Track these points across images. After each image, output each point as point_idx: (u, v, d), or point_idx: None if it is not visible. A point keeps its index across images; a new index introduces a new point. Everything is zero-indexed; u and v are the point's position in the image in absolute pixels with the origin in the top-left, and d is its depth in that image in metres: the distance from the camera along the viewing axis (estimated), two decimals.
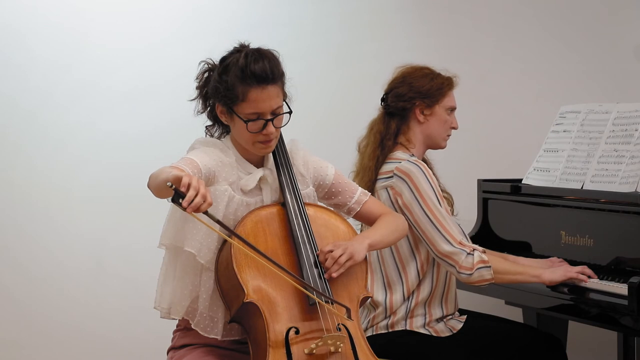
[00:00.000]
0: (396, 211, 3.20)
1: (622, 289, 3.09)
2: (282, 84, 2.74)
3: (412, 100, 3.33)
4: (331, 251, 2.69)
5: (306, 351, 2.59)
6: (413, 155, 3.30)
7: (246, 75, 2.66)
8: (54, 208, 4.13)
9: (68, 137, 4.14)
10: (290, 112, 2.75)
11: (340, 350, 2.60)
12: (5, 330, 4.08)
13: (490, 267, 3.13)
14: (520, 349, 3.27)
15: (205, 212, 2.44)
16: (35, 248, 4.12)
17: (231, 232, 2.57)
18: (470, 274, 3.12)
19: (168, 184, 2.39)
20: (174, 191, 2.38)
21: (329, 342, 2.58)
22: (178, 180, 2.41)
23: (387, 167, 3.29)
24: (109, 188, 4.18)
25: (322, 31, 4.42)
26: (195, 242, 2.67)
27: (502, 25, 4.65)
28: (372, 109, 3.31)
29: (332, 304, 2.64)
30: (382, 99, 3.40)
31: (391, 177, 3.25)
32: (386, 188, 3.26)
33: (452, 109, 3.39)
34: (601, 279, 3.25)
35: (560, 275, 3.25)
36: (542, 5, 4.71)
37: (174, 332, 2.86)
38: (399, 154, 3.31)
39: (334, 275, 2.68)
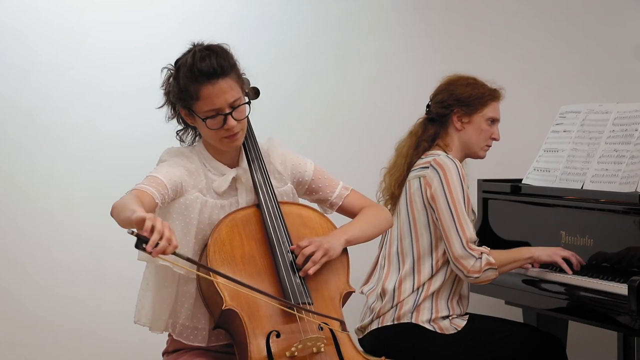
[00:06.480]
0: (423, 203, 3.26)
1: (622, 289, 3.09)
2: (237, 75, 2.70)
3: (451, 107, 3.40)
4: (305, 247, 2.67)
5: (287, 354, 2.56)
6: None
7: (194, 75, 2.65)
8: (54, 208, 4.12)
9: (68, 137, 4.14)
10: (248, 103, 2.71)
11: (322, 350, 2.57)
12: (5, 330, 4.07)
13: (496, 268, 3.23)
14: (520, 349, 3.28)
15: (174, 253, 2.36)
16: (35, 248, 4.11)
17: (204, 267, 2.56)
18: (478, 277, 3.22)
19: (128, 231, 2.30)
20: (137, 237, 2.30)
21: (309, 344, 2.55)
22: (140, 223, 2.32)
23: (423, 160, 3.34)
24: (109, 188, 4.14)
25: (322, 31, 4.41)
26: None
27: (502, 25, 4.64)
28: (372, 109, 3.31)
29: (313, 311, 2.60)
30: (427, 105, 3.46)
31: (427, 167, 3.29)
32: (419, 178, 3.30)
33: (494, 120, 3.45)
34: (601, 279, 3.25)
35: (546, 255, 3.38)
36: (542, 5, 4.70)
37: (169, 335, 2.84)
38: (437, 151, 3.36)
39: (310, 272, 2.65)
